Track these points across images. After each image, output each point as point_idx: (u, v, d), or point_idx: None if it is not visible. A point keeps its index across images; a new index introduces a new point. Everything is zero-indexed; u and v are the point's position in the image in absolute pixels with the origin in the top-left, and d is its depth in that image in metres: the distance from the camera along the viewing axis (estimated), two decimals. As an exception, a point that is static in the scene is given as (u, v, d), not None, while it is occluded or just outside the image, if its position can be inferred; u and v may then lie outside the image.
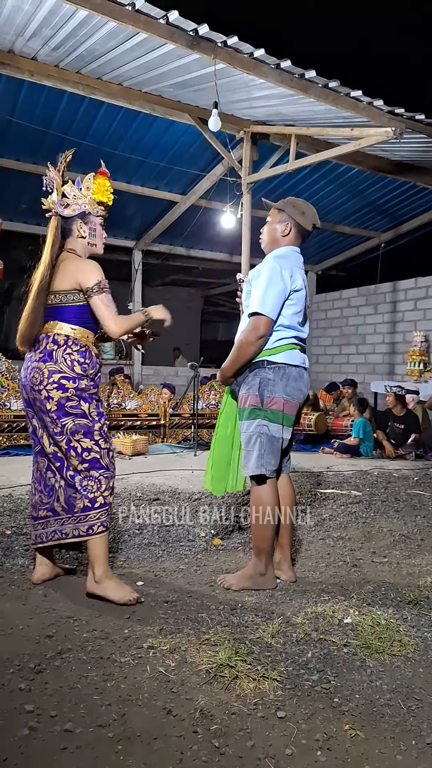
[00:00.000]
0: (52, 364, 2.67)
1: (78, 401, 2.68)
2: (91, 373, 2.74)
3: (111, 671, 2.07)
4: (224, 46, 5.22)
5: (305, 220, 3.02)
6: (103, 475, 2.70)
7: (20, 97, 6.73)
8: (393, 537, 3.97)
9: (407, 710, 1.91)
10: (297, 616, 2.56)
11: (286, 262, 2.91)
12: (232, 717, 1.84)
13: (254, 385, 2.91)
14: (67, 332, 2.71)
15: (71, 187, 2.82)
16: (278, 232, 3.03)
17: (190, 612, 2.58)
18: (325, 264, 12.87)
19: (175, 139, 7.86)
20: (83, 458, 2.68)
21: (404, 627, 2.48)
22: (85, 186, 2.83)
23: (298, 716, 1.86)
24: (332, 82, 5.68)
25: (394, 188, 9.43)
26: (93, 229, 2.85)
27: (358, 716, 1.87)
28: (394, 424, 7.93)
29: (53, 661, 2.12)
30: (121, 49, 5.41)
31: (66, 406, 2.66)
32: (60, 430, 2.67)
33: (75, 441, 2.67)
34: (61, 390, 2.65)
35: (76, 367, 2.68)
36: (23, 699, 1.88)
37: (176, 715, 1.84)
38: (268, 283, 2.84)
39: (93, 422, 2.70)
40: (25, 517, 3.96)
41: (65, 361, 2.67)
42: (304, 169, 8.00)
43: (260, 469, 2.89)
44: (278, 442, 2.92)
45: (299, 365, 2.95)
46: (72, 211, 2.81)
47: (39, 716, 1.80)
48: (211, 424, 8.05)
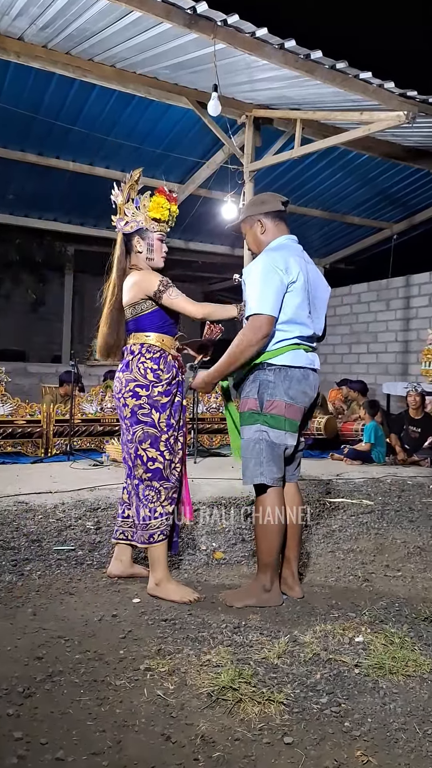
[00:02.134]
0: (128, 373, 3.00)
1: (150, 410, 2.97)
2: (166, 378, 3.00)
3: (105, 695, 2.06)
4: (224, 25, 5.23)
5: (268, 205, 3.04)
6: (163, 486, 3.00)
7: (5, 81, 6.75)
8: (407, 549, 3.97)
9: (423, 735, 1.91)
10: (305, 635, 2.56)
11: (278, 254, 2.89)
12: (236, 743, 1.84)
13: (253, 388, 2.90)
14: (142, 340, 3.03)
15: (130, 205, 3.12)
16: (258, 236, 3.05)
17: (190, 631, 2.58)
18: (333, 257, 12.88)
19: (172, 124, 7.87)
20: (148, 467, 2.98)
21: (419, 645, 2.48)
22: (142, 204, 3.11)
23: (306, 742, 1.86)
24: (340, 63, 5.70)
25: (407, 176, 9.44)
26: (150, 245, 3.11)
27: (370, 741, 1.87)
28: (410, 427, 7.91)
29: (43, 684, 2.11)
30: (113, 29, 5.43)
31: (138, 414, 2.98)
32: (131, 438, 3.01)
33: (142, 450, 2.98)
34: (135, 398, 2.97)
35: (148, 374, 2.97)
36: (11, 725, 1.88)
37: (176, 741, 1.83)
38: (263, 279, 2.82)
39: (161, 432, 2.99)
40: (12, 530, 3.97)
41: (139, 370, 2.98)
42: (310, 155, 7.99)
43: (260, 478, 2.89)
44: (279, 449, 2.90)
45: (304, 366, 2.93)
46: (130, 228, 3.11)
47: (28, 743, 1.80)
48: (212, 429, 8.05)
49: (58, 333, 13.13)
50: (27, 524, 4.13)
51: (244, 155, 7.43)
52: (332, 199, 10.29)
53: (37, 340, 13.75)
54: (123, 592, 3.03)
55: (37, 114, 7.33)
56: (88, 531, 4.04)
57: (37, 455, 6.99)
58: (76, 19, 5.33)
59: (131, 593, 3.01)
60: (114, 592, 3.02)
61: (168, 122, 7.83)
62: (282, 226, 3.05)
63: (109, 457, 6.76)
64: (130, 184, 3.11)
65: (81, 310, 13.50)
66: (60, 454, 7.02)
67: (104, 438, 7.35)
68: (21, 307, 13.45)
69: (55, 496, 4.98)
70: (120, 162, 8.70)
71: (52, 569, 3.30)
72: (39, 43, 5.90)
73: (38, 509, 4.54)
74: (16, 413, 6.97)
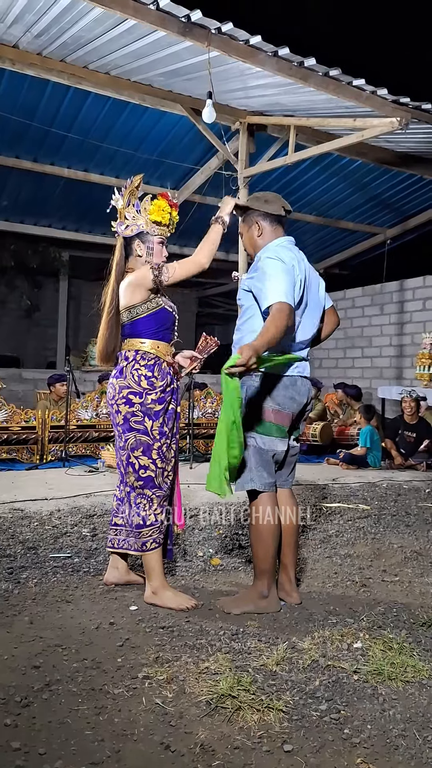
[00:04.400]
0: (122, 379, 2.99)
1: (143, 417, 2.95)
2: (160, 386, 2.98)
3: (103, 704, 2.05)
4: (218, 32, 5.25)
5: (271, 206, 3.03)
6: (155, 494, 2.99)
7: (0, 88, 6.75)
8: (404, 554, 3.96)
9: (423, 741, 1.90)
10: (303, 641, 2.55)
11: (285, 252, 2.89)
12: (235, 751, 1.83)
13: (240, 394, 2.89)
14: (137, 347, 3.01)
15: (131, 209, 3.11)
16: (254, 238, 3.05)
17: (188, 638, 2.57)
18: (327, 262, 12.91)
19: (166, 130, 7.89)
20: (139, 475, 2.97)
21: (418, 651, 2.47)
22: (143, 207, 3.10)
23: (306, 749, 1.85)
24: (333, 70, 5.72)
25: (400, 181, 9.48)
26: (150, 248, 3.09)
27: (370, 748, 1.86)
28: (405, 432, 7.93)
29: (41, 693, 2.10)
30: (108, 36, 5.44)
31: (131, 421, 2.96)
32: (123, 444, 2.99)
33: (134, 457, 2.97)
34: (128, 405, 2.96)
35: (142, 381, 2.96)
36: (9, 735, 1.86)
37: (175, 750, 1.82)
38: (279, 270, 2.77)
39: (154, 440, 2.97)
40: (7, 538, 3.95)
41: (132, 376, 2.97)
42: (304, 161, 8.03)
43: (251, 484, 2.89)
44: (268, 455, 2.91)
45: (291, 375, 2.91)
46: (131, 232, 3.09)
47: (26, 754, 1.78)
48: (208, 434, 8.04)
49: (52, 339, 13.11)
50: (23, 531, 4.11)
51: (239, 161, 7.44)
52: (326, 205, 10.32)
53: (31, 346, 13.73)
54: (120, 599, 3.02)
55: (32, 121, 7.33)
56: (84, 538, 4.03)
57: (32, 462, 6.96)
58: (71, 27, 5.34)
59: (128, 601, 3.00)
60: (111, 600, 3.00)
61: (162, 129, 7.85)
62: (279, 231, 3.05)
63: (104, 463, 6.74)
64: (130, 189, 3.11)
65: (76, 316, 13.49)
66: (55, 461, 6.99)
67: (100, 444, 7.34)
68: (16, 312, 13.43)
69: (50, 503, 4.96)
70: (115, 168, 8.71)
71: (48, 577, 3.28)
72: (34, 50, 5.90)
73: (34, 516, 4.52)
74: (11, 420, 6.94)
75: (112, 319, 3.04)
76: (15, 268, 12.10)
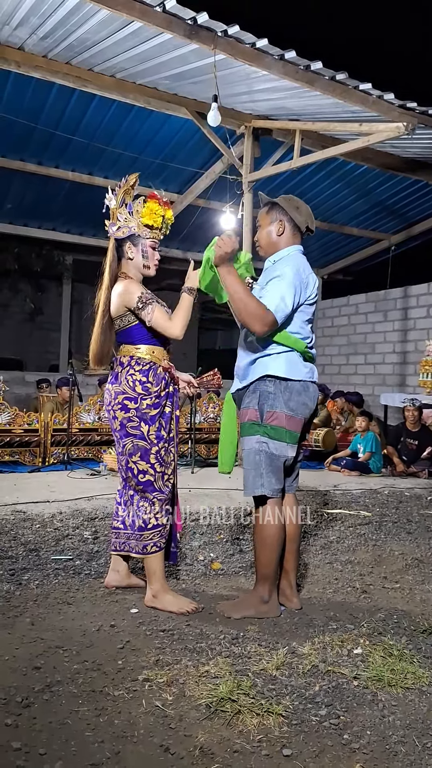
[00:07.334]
0: (118, 385, 3.00)
1: (139, 422, 2.96)
2: (155, 391, 2.99)
3: (104, 705, 2.06)
4: (225, 35, 5.27)
5: (299, 216, 3.04)
6: (156, 498, 3.01)
7: (6, 90, 6.78)
8: (405, 561, 3.97)
9: (422, 748, 1.91)
10: (303, 647, 2.56)
11: (304, 266, 2.95)
12: (234, 755, 1.84)
13: (254, 398, 2.92)
14: (132, 352, 3.02)
15: (123, 210, 3.08)
16: (273, 235, 3.06)
17: (189, 642, 2.58)
18: (331, 268, 12.92)
19: (171, 134, 7.91)
20: (139, 480, 3.01)
21: (418, 658, 2.48)
22: (135, 209, 3.08)
23: (305, 754, 1.86)
24: (340, 75, 5.74)
25: (405, 187, 9.49)
26: (143, 252, 3.09)
27: (369, 754, 1.87)
28: (407, 439, 7.93)
29: (42, 694, 2.11)
30: (114, 39, 5.46)
31: (127, 427, 2.98)
32: (121, 450, 3.02)
33: (132, 462, 3.00)
34: (124, 410, 2.97)
35: (137, 386, 2.97)
36: (10, 735, 1.88)
37: (174, 752, 1.83)
38: (293, 284, 2.85)
39: (151, 445, 2.98)
40: (9, 540, 3.97)
41: (127, 382, 2.98)
42: (309, 166, 8.04)
43: (260, 489, 2.90)
44: (279, 461, 2.92)
45: (303, 379, 2.94)
46: (122, 234, 3.07)
47: (27, 754, 1.80)
48: (209, 439, 8.05)
49: (55, 342, 13.12)
50: (25, 533, 4.13)
51: (243, 165, 7.46)
52: (330, 210, 10.33)
53: (34, 349, 13.75)
54: (121, 602, 3.03)
55: (37, 123, 7.36)
56: (86, 540, 4.04)
57: (34, 464, 6.98)
58: (77, 29, 5.37)
59: (129, 603, 3.01)
60: (112, 603, 3.02)
61: (167, 132, 7.87)
62: (297, 239, 3.07)
63: (106, 466, 6.74)
64: (125, 188, 3.07)
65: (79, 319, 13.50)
66: (57, 464, 7.00)
67: (101, 447, 7.35)
68: (19, 316, 13.46)
69: (52, 506, 4.97)
70: (119, 172, 8.70)
71: (50, 579, 3.29)
72: (39, 53, 5.93)
73: (36, 518, 4.53)
74: (13, 422, 6.96)
75: (105, 323, 3.05)
76: (19, 272, 12.13)
